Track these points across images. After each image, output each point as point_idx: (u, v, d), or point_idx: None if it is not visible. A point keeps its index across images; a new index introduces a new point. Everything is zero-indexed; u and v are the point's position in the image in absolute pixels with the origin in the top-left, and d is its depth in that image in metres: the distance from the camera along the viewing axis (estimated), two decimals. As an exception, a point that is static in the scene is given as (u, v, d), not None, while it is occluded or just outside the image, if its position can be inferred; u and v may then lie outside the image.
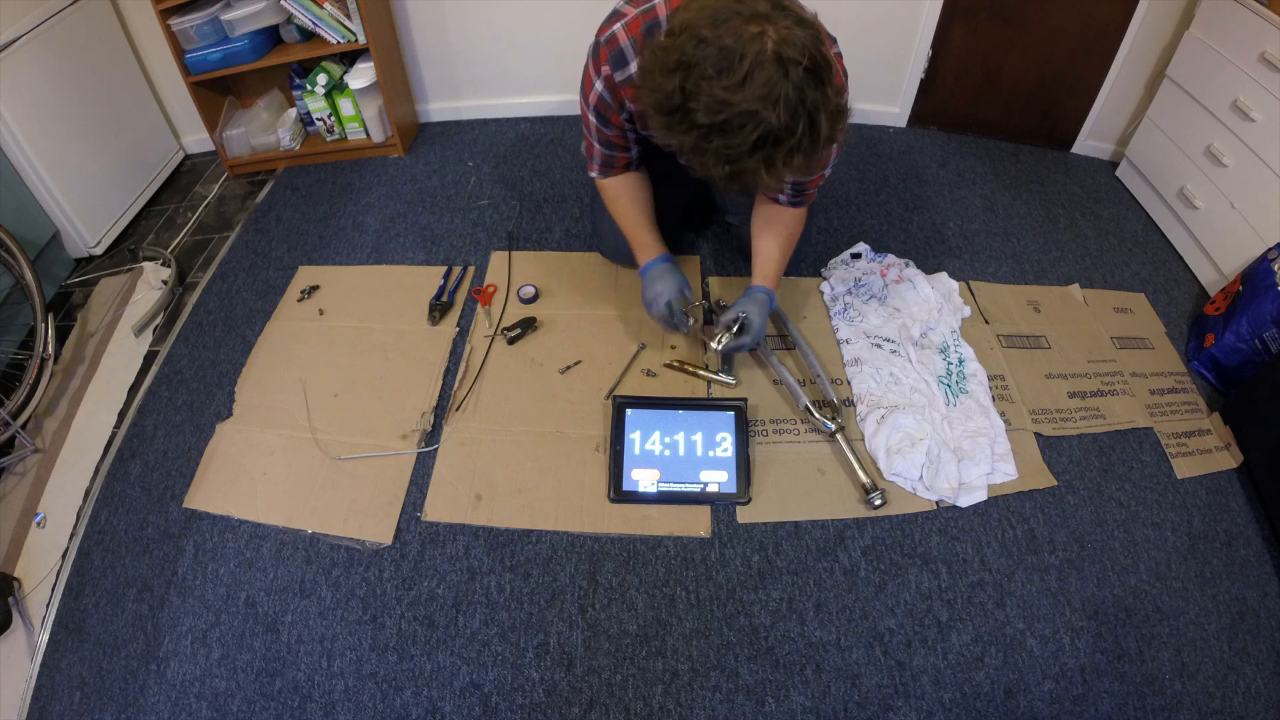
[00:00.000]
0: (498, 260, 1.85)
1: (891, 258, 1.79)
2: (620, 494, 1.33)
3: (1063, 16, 2.04)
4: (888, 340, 1.57)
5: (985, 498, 1.34)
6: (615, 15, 1.17)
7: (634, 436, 1.39)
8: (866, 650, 1.17)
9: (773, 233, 1.42)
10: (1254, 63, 1.65)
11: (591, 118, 1.29)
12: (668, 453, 1.37)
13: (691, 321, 1.54)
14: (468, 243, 1.93)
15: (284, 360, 1.63)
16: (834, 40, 1.06)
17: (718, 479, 1.34)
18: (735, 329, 1.41)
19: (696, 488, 1.34)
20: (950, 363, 1.54)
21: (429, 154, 2.31)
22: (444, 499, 1.36)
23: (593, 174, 1.45)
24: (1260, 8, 1.63)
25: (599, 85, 1.21)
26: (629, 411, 1.41)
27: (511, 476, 1.38)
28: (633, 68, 1.15)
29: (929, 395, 1.47)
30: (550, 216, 2.00)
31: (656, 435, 1.39)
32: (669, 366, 1.55)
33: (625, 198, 1.45)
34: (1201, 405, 1.57)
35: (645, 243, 1.47)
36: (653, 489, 1.34)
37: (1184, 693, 1.15)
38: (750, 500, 1.33)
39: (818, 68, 0.87)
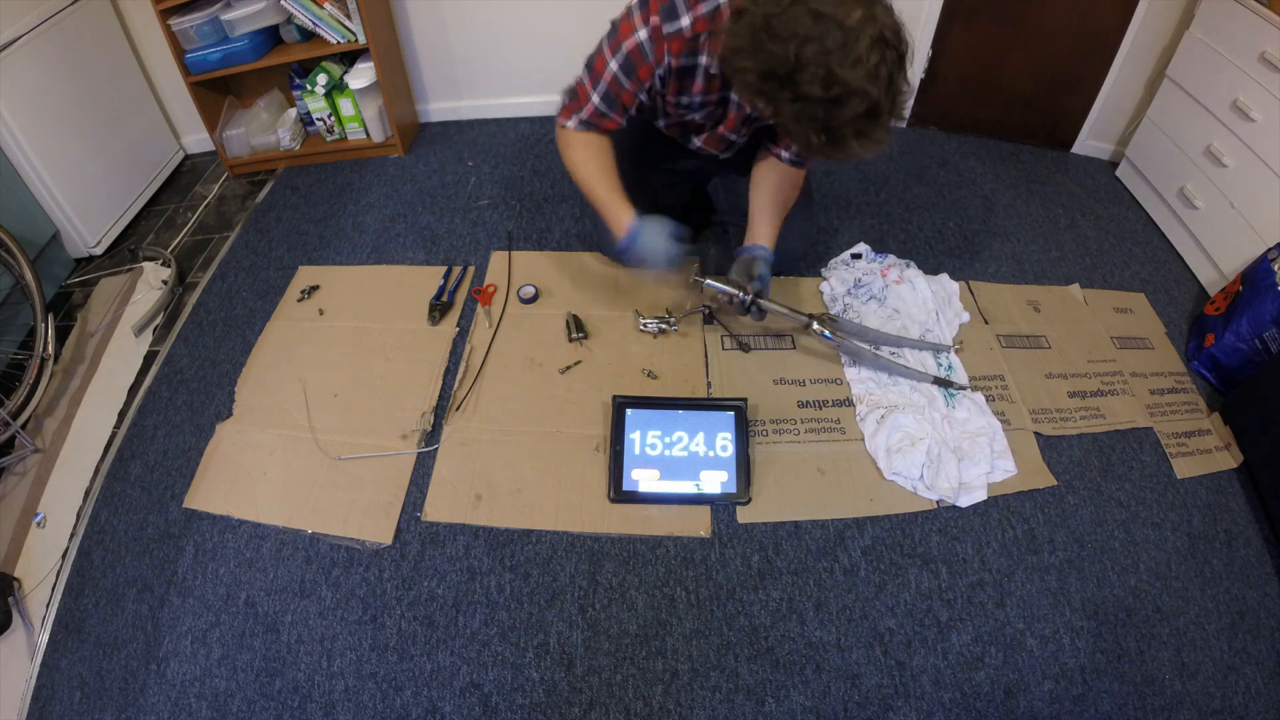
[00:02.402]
0: (498, 260, 1.85)
1: (892, 258, 1.79)
2: (620, 494, 1.34)
3: (1063, 16, 2.04)
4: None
5: (985, 497, 1.35)
6: None
7: (634, 436, 1.38)
8: (866, 650, 1.17)
9: (771, 191, 1.46)
10: (1254, 63, 1.65)
11: (613, 66, 1.26)
12: (668, 453, 1.37)
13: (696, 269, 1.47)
14: (468, 243, 1.93)
15: (284, 360, 1.63)
16: None
17: (718, 479, 1.34)
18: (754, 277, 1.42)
19: (696, 488, 1.34)
20: (941, 365, 1.55)
21: (429, 154, 2.31)
22: (444, 499, 1.36)
23: (567, 123, 1.38)
24: (1260, 8, 1.63)
25: (643, 34, 1.19)
26: (629, 411, 1.41)
27: (511, 476, 1.38)
28: (683, 22, 1.17)
29: (928, 395, 1.47)
30: (550, 216, 2.00)
31: (656, 435, 1.39)
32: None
33: (602, 156, 1.40)
34: (1201, 405, 1.57)
35: (622, 200, 1.40)
36: (653, 489, 1.34)
37: (1184, 693, 1.15)
38: (750, 500, 1.33)
39: (904, 54, 0.99)
